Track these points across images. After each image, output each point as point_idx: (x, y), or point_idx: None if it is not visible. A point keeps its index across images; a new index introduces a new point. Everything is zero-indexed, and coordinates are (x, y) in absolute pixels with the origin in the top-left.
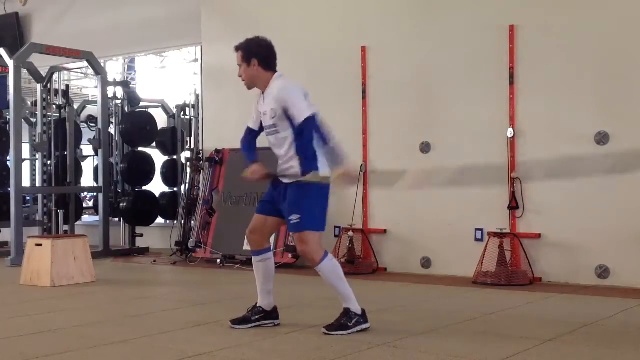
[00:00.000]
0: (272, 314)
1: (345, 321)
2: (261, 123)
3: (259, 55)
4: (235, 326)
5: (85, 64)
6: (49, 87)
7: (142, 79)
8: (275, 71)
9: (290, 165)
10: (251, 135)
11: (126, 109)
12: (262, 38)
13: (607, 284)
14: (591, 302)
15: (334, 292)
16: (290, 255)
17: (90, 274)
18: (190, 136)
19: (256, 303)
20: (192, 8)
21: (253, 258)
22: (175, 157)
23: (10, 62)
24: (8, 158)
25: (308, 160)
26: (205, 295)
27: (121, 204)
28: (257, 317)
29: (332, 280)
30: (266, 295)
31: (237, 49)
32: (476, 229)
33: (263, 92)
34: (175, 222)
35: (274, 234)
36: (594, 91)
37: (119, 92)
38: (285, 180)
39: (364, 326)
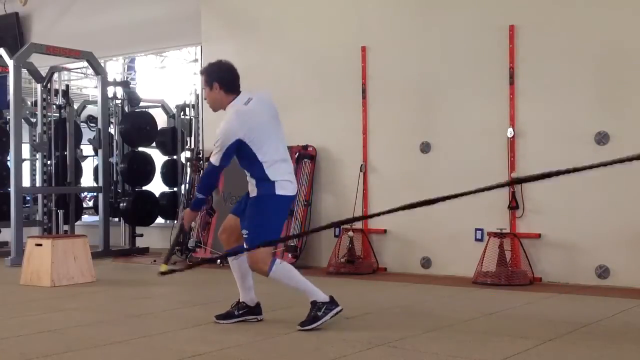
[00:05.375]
0: (255, 309)
1: (315, 312)
2: None
3: (219, 79)
4: (219, 321)
5: (85, 64)
6: (49, 87)
7: (142, 79)
8: (238, 92)
9: (248, 180)
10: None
11: (126, 109)
12: (224, 62)
13: (607, 284)
14: (591, 302)
15: (295, 291)
16: (290, 256)
17: (90, 274)
18: (190, 136)
19: (239, 299)
20: (192, 8)
21: (227, 257)
22: (175, 157)
23: (10, 62)
24: (8, 158)
25: (261, 179)
26: (205, 295)
27: (121, 204)
28: (240, 312)
29: (288, 283)
30: (247, 291)
31: (201, 73)
32: (476, 229)
33: None
34: (175, 222)
35: None
36: (594, 91)
37: (119, 92)
38: (250, 193)
39: (335, 311)
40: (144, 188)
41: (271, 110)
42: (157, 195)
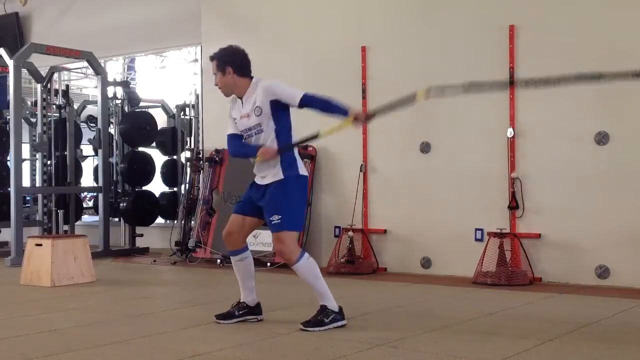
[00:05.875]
0: (255, 310)
1: (322, 317)
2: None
3: (233, 63)
4: (219, 321)
5: (85, 64)
6: (49, 87)
7: (142, 79)
8: (252, 77)
9: (271, 165)
10: (237, 139)
11: (126, 109)
12: (236, 46)
13: (607, 284)
14: (591, 302)
15: (311, 290)
16: None
17: (90, 274)
18: (190, 136)
19: (240, 299)
20: (192, 8)
21: (231, 258)
22: (175, 157)
23: (10, 62)
24: (8, 158)
25: (288, 159)
26: (205, 295)
27: (121, 204)
28: (241, 312)
29: (309, 279)
30: (248, 292)
31: (212, 58)
32: (476, 229)
33: (241, 98)
34: (175, 222)
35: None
36: (594, 91)
37: (119, 92)
38: (266, 181)
39: (339, 323)
40: (144, 188)
41: None
42: (157, 195)
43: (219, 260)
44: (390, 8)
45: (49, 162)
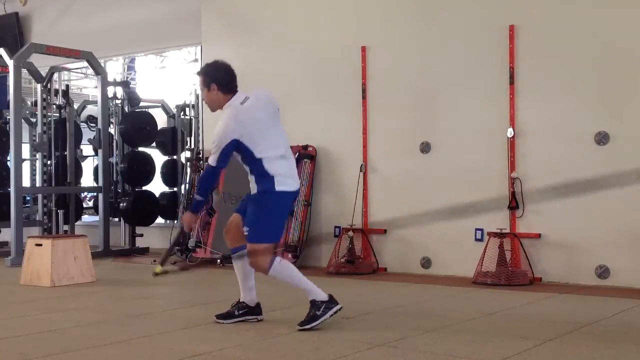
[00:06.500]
0: (255, 310)
1: (314, 312)
2: None
3: (217, 80)
4: (219, 321)
5: (85, 64)
6: (49, 87)
7: (142, 79)
8: (235, 91)
9: (249, 178)
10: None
11: (126, 109)
12: (220, 62)
13: (607, 284)
14: (591, 302)
15: (294, 290)
16: (290, 255)
17: (90, 274)
18: (190, 136)
19: (239, 299)
20: (192, 8)
21: (232, 256)
22: (175, 157)
23: (10, 62)
24: (8, 158)
25: (259, 175)
26: (205, 295)
27: (121, 204)
28: (241, 312)
29: (287, 280)
30: (248, 291)
31: (198, 74)
32: (476, 229)
33: None
34: (175, 222)
35: None
36: (594, 91)
37: (119, 92)
38: (251, 192)
39: (334, 309)
40: (144, 188)
41: (270, 107)
42: (157, 195)
43: (219, 260)
44: (390, 8)
45: (49, 162)
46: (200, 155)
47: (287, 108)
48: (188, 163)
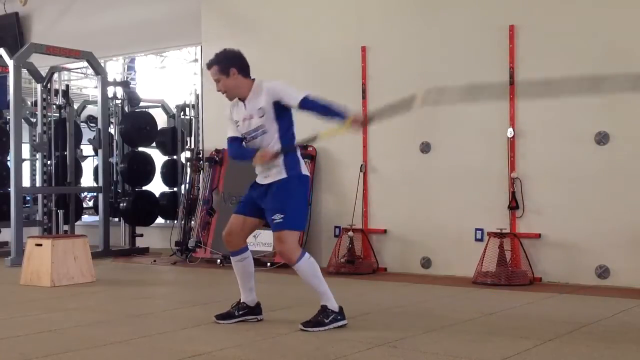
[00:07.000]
0: (255, 310)
1: (322, 318)
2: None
3: (236, 65)
4: (219, 321)
5: (85, 64)
6: (49, 87)
7: (142, 79)
8: (253, 78)
9: (273, 164)
10: (237, 142)
11: (126, 109)
12: (231, 49)
13: (607, 284)
14: (591, 302)
15: (311, 290)
16: None
17: (90, 274)
18: (190, 136)
19: (240, 299)
20: (192, 8)
21: (231, 258)
22: (175, 157)
23: (10, 62)
24: (8, 158)
25: (292, 159)
26: (205, 295)
27: (121, 204)
28: (241, 312)
29: (310, 279)
30: (248, 292)
31: (211, 64)
32: (476, 229)
33: (244, 100)
34: (175, 222)
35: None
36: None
37: (119, 92)
38: (268, 180)
39: (340, 323)
40: (144, 188)
41: None
42: (157, 195)
43: (219, 260)
44: (390, 8)
45: (49, 162)
46: (200, 155)
47: None
48: (188, 163)
